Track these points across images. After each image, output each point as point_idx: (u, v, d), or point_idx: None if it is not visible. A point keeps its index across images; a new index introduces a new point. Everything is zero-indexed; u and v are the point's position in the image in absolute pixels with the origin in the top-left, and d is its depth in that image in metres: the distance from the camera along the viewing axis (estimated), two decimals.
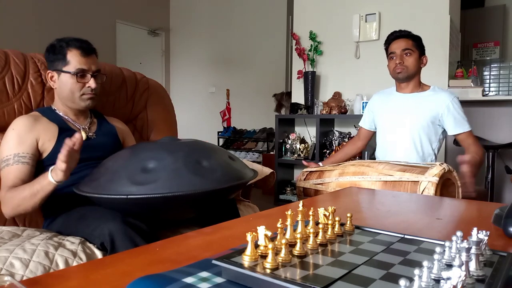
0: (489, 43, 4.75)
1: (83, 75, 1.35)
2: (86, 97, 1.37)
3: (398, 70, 1.90)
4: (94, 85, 1.36)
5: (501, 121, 3.03)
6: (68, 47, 1.34)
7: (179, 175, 1.07)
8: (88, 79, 1.36)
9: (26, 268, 0.96)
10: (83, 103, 1.38)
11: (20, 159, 1.23)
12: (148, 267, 0.60)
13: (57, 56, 1.34)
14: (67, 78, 1.34)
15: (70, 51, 1.34)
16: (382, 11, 3.32)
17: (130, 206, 1.10)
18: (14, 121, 1.31)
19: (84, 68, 1.34)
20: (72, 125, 1.40)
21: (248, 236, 0.53)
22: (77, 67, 1.33)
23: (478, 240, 0.52)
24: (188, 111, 5.84)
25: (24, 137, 1.26)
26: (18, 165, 1.23)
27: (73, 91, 1.35)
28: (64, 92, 1.36)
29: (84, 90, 1.36)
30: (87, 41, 1.39)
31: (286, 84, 5.22)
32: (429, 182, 1.39)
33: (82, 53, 1.34)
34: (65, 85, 1.35)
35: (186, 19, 6.29)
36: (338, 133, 3.40)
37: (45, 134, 1.30)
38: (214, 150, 1.26)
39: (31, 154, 1.26)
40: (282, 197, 3.64)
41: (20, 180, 1.21)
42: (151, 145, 1.33)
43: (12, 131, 1.27)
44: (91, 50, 1.38)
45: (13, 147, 1.25)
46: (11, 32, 4.35)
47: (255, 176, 1.27)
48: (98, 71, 1.40)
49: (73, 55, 1.34)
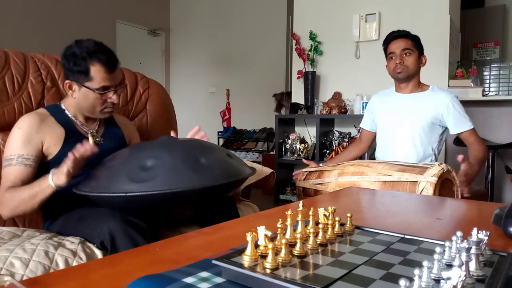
0: (489, 43, 4.75)
1: (106, 91, 1.30)
2: (107, 111, 1.34)
3: (398, 70, 1.90)
4: (116, 101, 1.33)
5: (501, 121, 3.03)
6: (91, 61, 1.25)
7: (178, 172, 1.07)
8: (111, 94, 1.31)
9: (26, 267, 0.96)
10: (103, 115, 1.36)
11: (23, 160, 1.22)
12: (148, 267, 0.60)
13: (78, 67, 1.26)
14: (89, 93, 1.29)
15: (93, 66, 1.26)
16: (382, 11, 3.32)
17: (129, 204, 1.10)
18: (21, 119, 1.28)
19: (108, 85, 1.29)
20: (80, 128, 1.37)
21: (248, 236, 0.53)
22: (101, 84, 1.27)
23: (478, 240, 0.52)
24: (188, 111, 5.84)
25: (29, 138, 1.24)
26: (20, 166, 1.21)
27: (94, 105, 1.31)
28: (84, 104, 1.32)
29: (106, 105, 1.33)
30: (111, 52, 1.31)
31: (286, 84, 5.22)
32: (428, 182, 1.39)
33: (107, 70, 1.28)
34: (86, 99, 1.30)
35: (186, 19, 6.29)
36: (338, 133, 3.40)
37: (50, 137, 1.28)
38: (212, 148, 1.26)
39: (35, 156, 1.24)
40: (282, 197, 3.64)
41: (20, 181, 1.20)
42: (149, 143, 1.33)
43: (18, 130, 1.25)
44: (116, 65, 1.32)
45: (18, 148, 1.23)
46: (11, 32, 4.34)
47: (254, 173, 1.27)
48: (120, 83, 1.35)
49: (97, 71, 1.26)
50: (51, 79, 1.53)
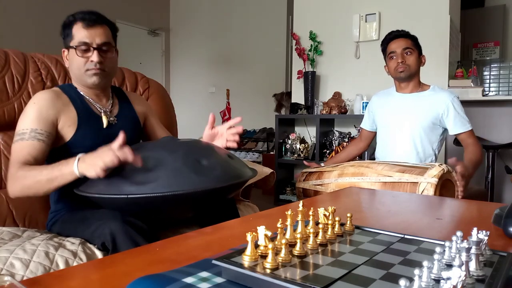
0: (489, 43, 4.74)
1: (86, 49, 1.24)
2: (90, 73, 1.26)
3: (400, 69, 1.89)
4: (96, 59, 1.24)
5: (501, 121, 3.03)
6: (74, 21, 1.25)
7: (179, 174, 1.07)
8: (91, 52, 1.25)
9: (26, 268, 0.96)
10: (89, 79, 1.27)
11: (36, 135, 1.16)
12: (148, 267, 0.60)
13: (66, 32, 1.26)
14: (73, 54, 1.25)
15: (76, 25, 1.25)
16: (382, 11, 3.32)
17: (130, 206, 1.10)
18: (35, 95, 1.24)
19: (86, 41, 1.23)
20: (93, 107, 1.31)
21: (248, 236, 0.53)
22: (79, 40, 1.23)
23: (478, 240, 0.52)
24: (188, 111, 5.83)
25: (44, 113, 1.19)
26: (33, 141, 1.15)
27: (78, 67, 1.26)
28: (73, 69, 1.29)
29: (88, 65, 1.25)
30: (94, 12, 1.27)
31: (286, 84, 5.22)
32: (428, 183, 1.39)
33: (84, 24, 1.24)
34: (72, 62, 1.27)
35: (186, 19, 6.29)
36: (338, 133, 3.40)
37: (66, 117, 1.23)
38: (213, 149, 1.26)
39: (48, 132, 1.19)
40: (282, 197, 3.64)
41: (32, 158, 1.14)
42: (150, 144, 1.33)
43: (33, 105, 1.20)
44: (95, 20, 1.25)
45: (31, 122, 1.17)
46: (11, 32, 4.34)
47: (255, 175, 1.27)
48: (105, 44, 1.27)
49: (77, 28, 1.24)
50: (51, 79, 1.53)
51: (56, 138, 1.23)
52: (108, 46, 1.28)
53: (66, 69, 1.59)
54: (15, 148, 1.16)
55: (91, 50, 1.25)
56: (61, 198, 1.29)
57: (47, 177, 1.08)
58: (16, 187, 1.12)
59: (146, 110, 1.52)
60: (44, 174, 1.09)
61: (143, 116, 1.50)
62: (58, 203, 1.30)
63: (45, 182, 1.09)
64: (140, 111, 1.48)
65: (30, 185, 1.10)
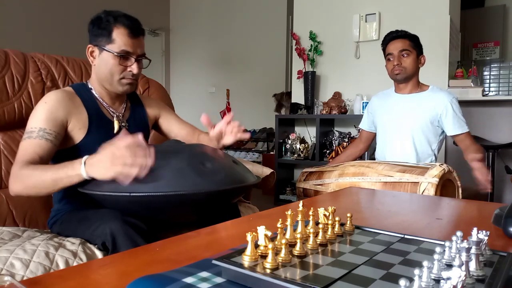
0: (489, 43, 4.75)
1: (126, 57, 1.24)
2: (125, 82, 1.26)
3: (396, 71, 1.90)
4: (136, 71, 1.25)
5: (501, 121, 3.03)
6: (115, 24, 1.22)
7: (183, 175, 1.07)
8: (131, 62, 1.25)
9: (26, 268, 0.96)
10: (121, 87, 1.27)
11: (45, 134, 1.15)
12: (148, 267, 0.60)
13: (102, 31, 1.23)
14: (109, 57, 1.23)
15: (117, 29, 1.22)
16: (382, 11, 3.32)
17: (132, 205, 1.10)
18: (47, 94, 1.23)
19: (129, 50, 1.23)
20: (106, 111, 1.31)
21: (248, 236, 0.53)
22: (121, 48, 1.22)
23: (478, 240, 0.52)
24: (188, 111, 5.80)
25: (54, 113, 1.18)
26: (41, 140, 1.14)
27: (112, 73, 1.24)
28: (102, 71, 1.26)
29: (125, 74, 1.25)
30: (137, 20, 1.27)
31: (286, 84, 5.22)
32: (429, 183, 1.39)
33: (130, 33, 1.23)
34: (105, 64, 1.24)
35: (186, 19, 6.30)
36: (338, 133, 3.40)
37: (76, 119, 1.22)
38: (218, 153, 1.26)
39: (57, 133, 1.17)
40: (282, 197, 3.64)
41: (38, 157, 1.12)
42: (156, 145, 1.33)
43: (43, 105, 1.19)
44: (140, 31, 1.26)
45: (41, 121, 1.16)
46: (11, 32, 4.34)
47: (258, 181, 1.26)
48: (143, 55, 1.28)
49: (119, 33, 1.22)
50: (51, 79, 1.53)
51: (65, 139, 1.22)
52: (144, 57, 1.30)
53: (66, 69, 1.59)
54: (22, 146, 1.15)
55: (131, 60, 1.25)
56: (64, 197, 1.29)
57: (52, 178, 1.07)
58: (19, 185, 1.10)
59: (159, 110, 1.51)
60: (49, 175, 1.07)
61: (154, 118, 1.49)
62: (61, 202, 1.30)
63: (49, 183, 1.07)
64: (151, 114, 1.47)
65: (35, 184, 1.08)
